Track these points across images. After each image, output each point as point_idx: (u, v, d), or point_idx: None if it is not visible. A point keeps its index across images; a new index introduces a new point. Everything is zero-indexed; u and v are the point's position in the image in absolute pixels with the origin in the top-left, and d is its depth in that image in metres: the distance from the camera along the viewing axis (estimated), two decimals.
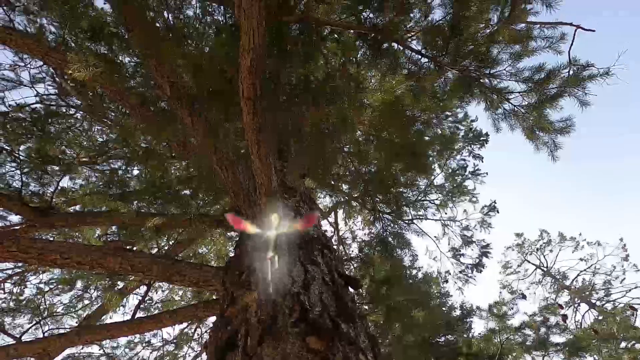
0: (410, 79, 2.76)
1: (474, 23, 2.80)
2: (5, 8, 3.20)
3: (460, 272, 6.35)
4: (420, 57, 2.80)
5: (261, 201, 2.55)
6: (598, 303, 12.55)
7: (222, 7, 4.39)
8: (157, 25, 3.50)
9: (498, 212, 7.67)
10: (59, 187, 4.30)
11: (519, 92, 2.87)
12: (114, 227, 4.94)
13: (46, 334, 4.51)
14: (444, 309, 5.81)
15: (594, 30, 4.70)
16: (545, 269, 14.49)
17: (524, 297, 7.97)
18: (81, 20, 3.20)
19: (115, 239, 4.67)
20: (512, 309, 6.66)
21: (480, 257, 7.41)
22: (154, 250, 4.83)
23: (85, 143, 5.41)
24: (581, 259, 13.82)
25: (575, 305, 12.98)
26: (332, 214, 8.37)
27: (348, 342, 1.40)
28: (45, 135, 4.50)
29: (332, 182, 5.70)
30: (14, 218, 4.96)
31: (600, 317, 9.53)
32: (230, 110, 3.00)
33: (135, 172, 5.47)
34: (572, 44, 4.16)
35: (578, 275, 13.78)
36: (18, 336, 3.99)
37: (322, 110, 3.26)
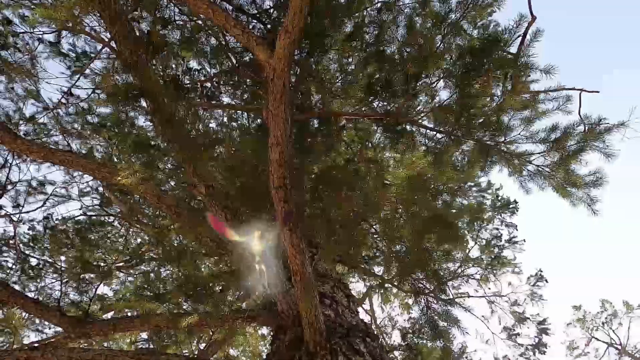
0: (429, 154, 2.90)
1: (479, 99, 3.01)
2: (65, 135, 3.75)
3: (520, 355, 5.61)
4: (435, 132, 2.99)
5: (296, 288, 2.50)
6: None
7: (245, 113, 4.98)
8: (193, 134, 3.94)
9: (547, 281, 7.05)
10: (96, 294, 4.38)
11: (539, 153, 2.93)
12: (144, 335, 4.83)
13: None
14: None
15: (597, 92, 4.88)
16: (619, 347, 12.54)
17: None
18: (127, 140, 3.65)
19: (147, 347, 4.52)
20: None
21: (539, 336, 6.60)
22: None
23: (121, 248, 5.64)
24: None
25: None
26: (367, 300, 7.91)
27: None
28: (86, 243, 4.76)
29: (364, 266, 5.53)
30: (48, 331, 4.97)
31: None
32: (261, 204, 3.16)
33: (167, 272, 5.54)
34: (580, 106, 4.31)
35: None
36: None
37: (346, 195, 3.37)
